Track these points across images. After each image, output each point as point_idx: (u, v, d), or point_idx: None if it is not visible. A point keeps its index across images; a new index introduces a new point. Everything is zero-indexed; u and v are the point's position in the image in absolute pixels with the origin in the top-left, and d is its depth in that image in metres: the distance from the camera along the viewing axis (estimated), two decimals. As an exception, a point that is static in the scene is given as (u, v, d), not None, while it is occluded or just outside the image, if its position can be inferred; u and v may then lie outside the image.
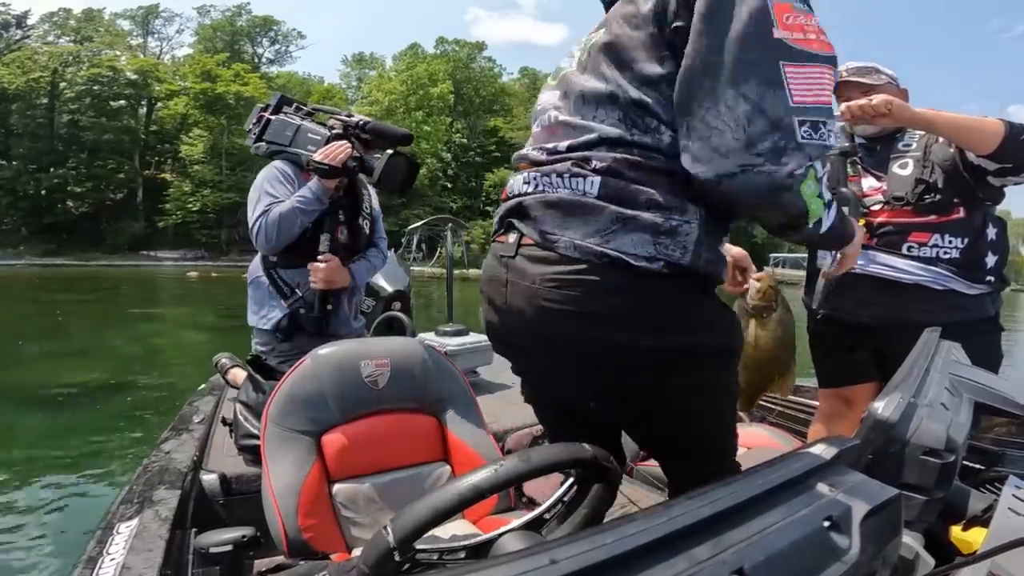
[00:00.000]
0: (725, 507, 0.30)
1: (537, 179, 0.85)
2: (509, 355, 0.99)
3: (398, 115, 35.08)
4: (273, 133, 1.71)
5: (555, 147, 0.84)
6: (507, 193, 0.93)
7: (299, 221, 1.63)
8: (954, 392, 0.42)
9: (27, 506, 3.30)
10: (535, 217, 0.82)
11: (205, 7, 41.65)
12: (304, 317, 1.73)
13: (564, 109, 0.87)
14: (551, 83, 0.96)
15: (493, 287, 0.90)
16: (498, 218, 0.93)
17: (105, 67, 32.42)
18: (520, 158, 0.93)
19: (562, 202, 0.80)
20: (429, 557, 0.75)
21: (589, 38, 0.90)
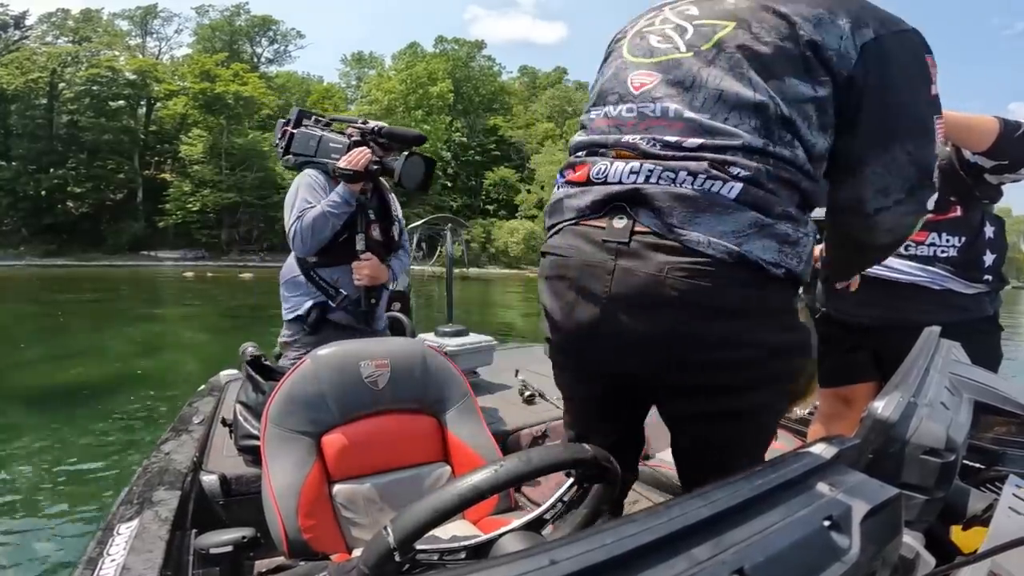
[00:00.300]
0: (725, 507, 0.30)
1: (656, 171, 0.82)
2: (582, 343, 0.91)
3: (397, 114, 35.08)
4: (298, 146, 1.85)
5: (679, 142, 0.82)
6: (594, 177, 0.89)
7: (330, 224, 1.75)
8: (954, 391, 0.42)
9: (28, 507, 3.31)
10: (660, 208, 0.80)
11: (203, 7, 41.64)
12: (353, 313, 1.84)
13: (688, 104, 0.84)
14: (642, 61, 0.91)
15: (588, 271, 0.86)
16: (589, 202, 0.88)
17: (104, 67, 32.35)
18: (617, 144, 0.88)
19: (695, 198, 0.79)
20: (429, 558, 0.75)
21: (703, 25, 0.87)
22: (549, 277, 0.94)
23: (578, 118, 1.09)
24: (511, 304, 17.42)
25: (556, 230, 0.94)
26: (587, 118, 0.98)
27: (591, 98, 1.00)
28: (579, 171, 0.92)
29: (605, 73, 0.98)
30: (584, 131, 0.98)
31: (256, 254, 32.06)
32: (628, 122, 0.89)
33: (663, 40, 0.91)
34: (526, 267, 35.25)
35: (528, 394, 2.55)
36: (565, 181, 0.96)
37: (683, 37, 0.89)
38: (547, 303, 0.95)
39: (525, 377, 2.75)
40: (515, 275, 32.55)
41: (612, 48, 1.02)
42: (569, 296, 0.89)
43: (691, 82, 0.85)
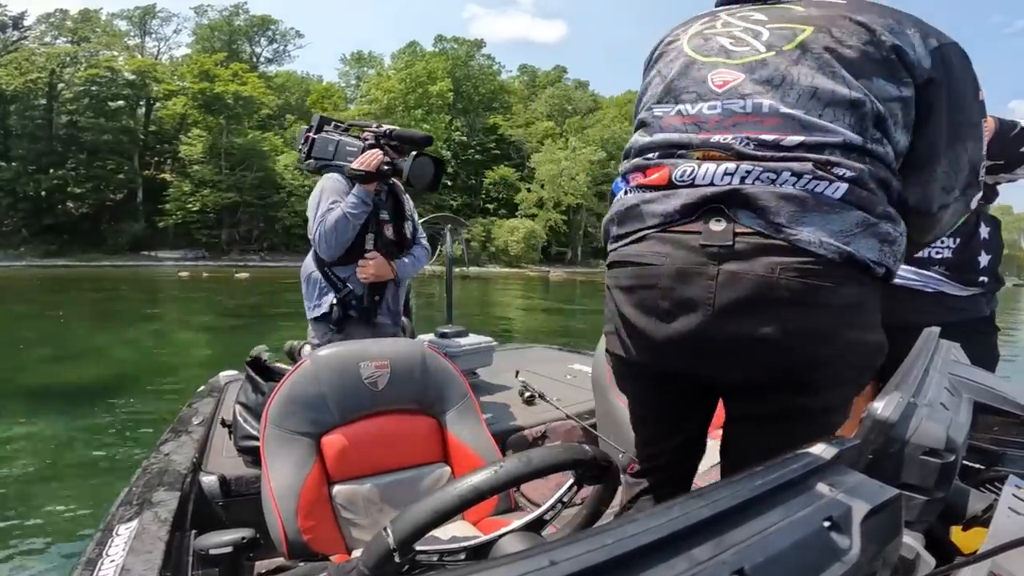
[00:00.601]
0: (725, 507, 0.30)
1: (754, 172, 0.82)
2: (677, 350, 0.88)
3: (397, 113, 35.05)
4: (318, 150, 1.97)
5: (776, 141, 0.82)
6: (678, 180, 0.87)
7: (351, 225, 1.84)
8: (954, 392, 0.42)
9: (28, 507, 3.31)
10: (764, 207, 0.80)
11: (202, 7, 41.61)
12: (355, 307, 1.92)
13: (782, 100, 0.84)
14: (719, 60, 0.91)
15: (685, 278, 0.83)
16: (679, 206, 0.86)
17: (103, 68, 32.32)
18: (705, 145, 0.87)
19: (802, 198, 0.79)
20: (429, 558, 0.75)
21: (779, 28, 0.89)
22: (630, 287, 0.91)
23: (578, 117, 1.08)
24: (512, 303, 17.43)
25: (636, 238, 0.91)
26: (651, 116, 0.96)
27: (653, 95, 0.98)
28: (655, 174, 0.90)
29: (668, 70, 0.97)
30: (649, 130, 0.96)
31: (256, 254, 32.05)
32: (711, 119, 0.88)
33: (736, 42, 0.91)
34: (526, 266, 35.26)
35: (528, 395, 2.55)
36: (636, 186, 0.94)
37: (759, 39, 0.90)
38: (627, 313, 0.92)
39: (525, 378, 2.75)
40: (515, 274, 32.56)
41: (663, 50, 1.01)
42: (662, 305, 0.86)
43: (780, 80, 0.85)
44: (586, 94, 47.34)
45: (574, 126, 41.87)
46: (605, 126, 40.67)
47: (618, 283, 0.95)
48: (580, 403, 2.48)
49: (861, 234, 0.79)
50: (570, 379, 3.00)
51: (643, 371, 0.98)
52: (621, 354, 0.98)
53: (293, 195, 31.59)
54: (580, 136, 40.23)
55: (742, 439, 0.96)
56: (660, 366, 0.93)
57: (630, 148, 1.00)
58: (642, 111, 1.00)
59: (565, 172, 37.41)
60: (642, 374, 0.99)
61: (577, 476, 0.82)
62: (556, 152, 38.43)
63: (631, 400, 1.08)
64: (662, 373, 0.95)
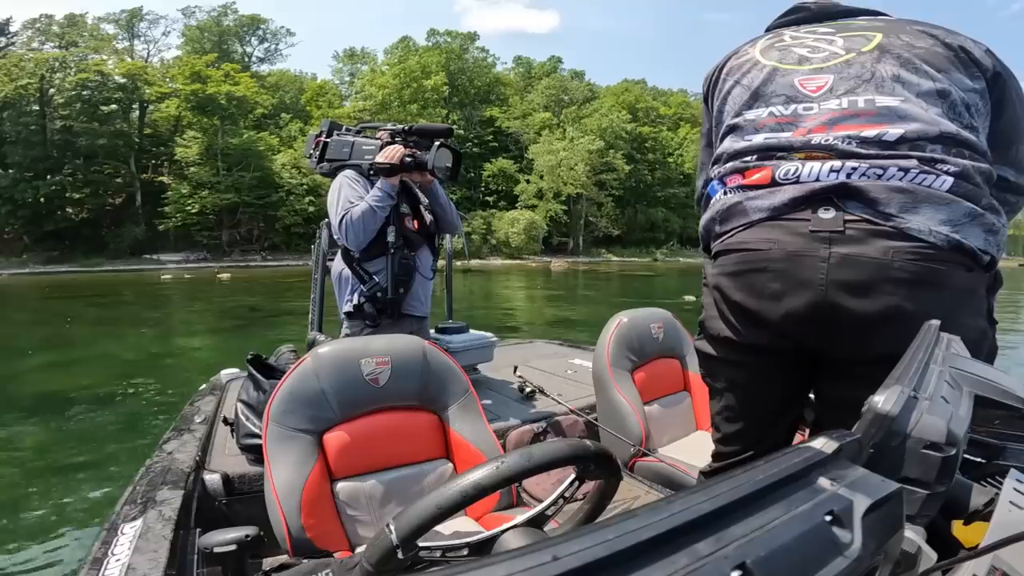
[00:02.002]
0: (726, 502, 0.30)
1: (861, 168, 0.87)
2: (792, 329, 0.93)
3: (393, 109, 34.93)
4: (333, 152, 2.07)
5: (879, 136, 0.87)
6: (782, 179, 0.93)
7: (377, 216, 1.91)
8: (954, 385, 0.42)
9: (35, 505, 3.33)
10: (875, 198, 0.85)
11: (190, 8, 41.43)
12: (382, 299, 1.99)
13: (876, 92, 0.91)
14: (801, 68, 0.99)
15: (796, 261, 0.89)
16: (788, 199, 0.91)
17: (92, 72, 32.08)
18: (807, 146, 0.92)
19: (911, 190, 0.84)
20: (432, 554, 0.75)
21: (851, 36, 0.98)
22: (738, 272, 0.97)
23: (575, 107, 1.13)
24: (514, 295, 17.44)
25: (741, 229, 0.97)
26: (743, 120, 1.03)
27: (739, 103, 1.05)
28: (756, 175, 0.97)
29: (750, 80, 1.04)
30: (742, 133, 1.03)
31: (258, 254, 32.03)
32: (807, 118, 0.94)
33: (812, 51, 1.00)
34: (528, 257, 35.25)
35: (528, 390, 2.56)
36: (738, 186, 1.00)
37: (834, 46, 0.98)
38: (737, 297, 0.97)
39: (525, 373, 2.76)
40: (517, 266, 32.56)
41: (733, 65, 1.10)
42: (773, 287, 0.92)
43: (870, 75, 0.92)
44: (582, 84, 47.14)
45: (571, 116, 41.73)
46: (603, 115, 40.53)
47: (725, 270, 1.00)
48: (581, 398, 2.48)
49: (968, 224, 0.85)
50: (571, 374, 3.00)
51: (752, 351, 1.02)
52: (731, 336, 1.02)
53: (292, 194, 31.52)
54: (578, 126, 40.10)
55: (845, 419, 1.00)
56: (772, 343, 0.98)
57: (722, 154, 1.06)
58: (729, 118, 1.07)
59: (564, 162, 37.31)
60: (751, 355, 1.03)
61: (579, 471, 0.82)
62: (554, 143, 38.30)
63: (733, 389, 1.10)
64: (771, 352, 0.99)
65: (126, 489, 1.46)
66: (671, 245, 43.53)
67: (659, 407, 2.20)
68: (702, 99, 1.23)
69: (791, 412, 1.09)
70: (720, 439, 1.14)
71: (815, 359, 0.98)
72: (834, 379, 0.98)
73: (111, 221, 32.66)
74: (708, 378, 1.14)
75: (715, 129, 1.14)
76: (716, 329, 1.05)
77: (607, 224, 40.52)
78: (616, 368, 2.14)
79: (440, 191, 2.13)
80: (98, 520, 3.17)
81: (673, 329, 2.40)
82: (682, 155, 43.53)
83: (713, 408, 1.15)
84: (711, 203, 1.07)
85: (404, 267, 2.01)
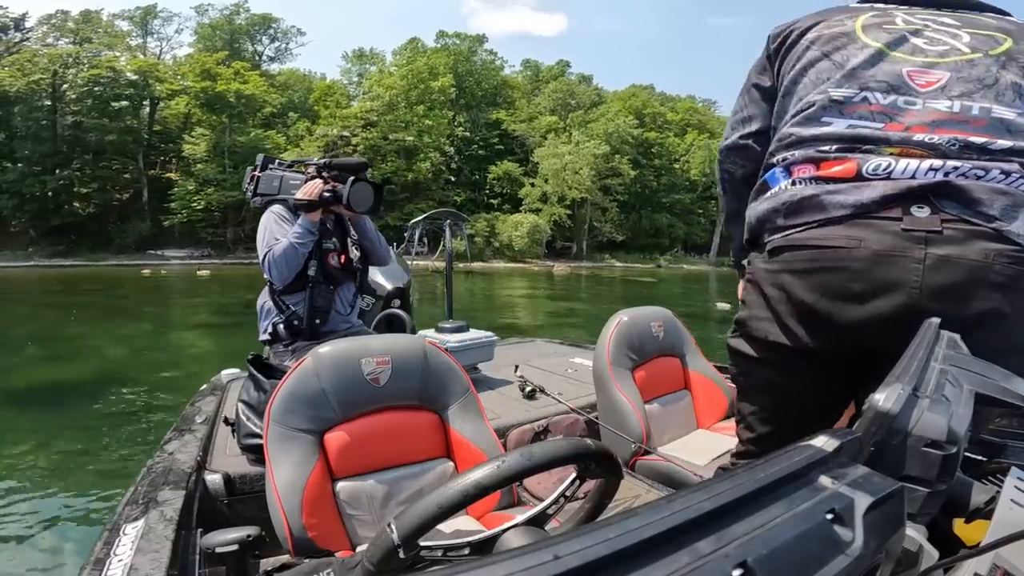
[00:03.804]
0: (727, 501, 0.30)
1: (962, 168, 0.84)
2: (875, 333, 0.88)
3: (400, 110, 34.96)
4: (263, 187, 2.11)
5: (986, 144, 0.84)
6: (869, 173, 0.87)
7: (298, 253, 1.94)
8: (955, 383, 0.42)
9: (39, 502, 3.34)
10: (977, 199, 0.82)
11: (203, 6, 41.52)
12: (297, 328, 2.02)
13: (994, 100, 0.87)
14: (916, 59, 0.92)
15: (885, 260, 0.84)
16: (879, 196, 0.86)
17: (105, 68, 32.31)
18: (906, 142, 0.87)
19: (1013, 194, 0.83)
20: (433, 554, 0.75)
21: (979, 33, 0.92)
22: (808, 271, 0.90)
23: (582, 111, 1.08)
24: (516, 298, 17.42)
25: (816, 225, 0.91)
26: (829, 99, 0.94)
27: (825, 78, 0.96)
28: (837, 167, 0.90)
29: (845, 57, 0.95)
30: (820, 114, 0.94)
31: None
32: (907, 113, 0.89)
33: (930, 42, 0.93)
34: (531, 260, 35.20)
35: (529, 389, 2.56)
36: (811, 177, 0.93)
37: (959, 41, 0.92)
38: (806, 297, 0.91)
39: (526, 372, 2.76)
40: (519, 269, 32.53)
41: (821, 33, 1.00)
42: (854, 288, 0.86)
43: (993, 80, 0.88)
44: (590, 88, 47.10)
45: (577, 120, 41.72)
46: (609, 120, 40.51)
47: (790, 267, 0.93)
48: (581, 397, 2.48)
49: None
50: (571, 372, 3.00)
51: (802, 356, 0.95)
52: (782, 341, 0.95)
53: (296, 193, 31.52)
54: (584, 130, 40.08)
55: None
56: (828, 346, 0.92)
57: (789, 136, 0.97)
58: (808, 92, 0.97)
59: (569, 166, 37.27)
60: (799, 359, 0.96)
61: (579, 470, 0.82)
62: (560, 146, 38.27)
63: (772, 391, 1.03)
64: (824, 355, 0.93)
65: (127, 489, 1.46)
66: (675, 251, 43.40)
67: (659, 406, 2.20)
68: (764, 56, 1.12)
69: (835, 415, 1.04)
70: (752, 439, 1.08)
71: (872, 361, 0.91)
72: None
73: (117, 216, 32.81)
74: (741, 377, 1.09)
75: (781, 99, 1.05)
76: (763, 331, 0.99)
77: (611, 229, 40.45)
78: (616, 367, 2.14)
79: (367, 225, 2.15)
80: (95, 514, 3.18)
81: (673, 327, 2.41)
82: (688, 161, 43.40)
83: (745, 408, 1.09)
84: (771, 192, 0.99)
85: (323, 301, 2.04)
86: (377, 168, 33.02)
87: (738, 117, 1.16)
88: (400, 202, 32.78)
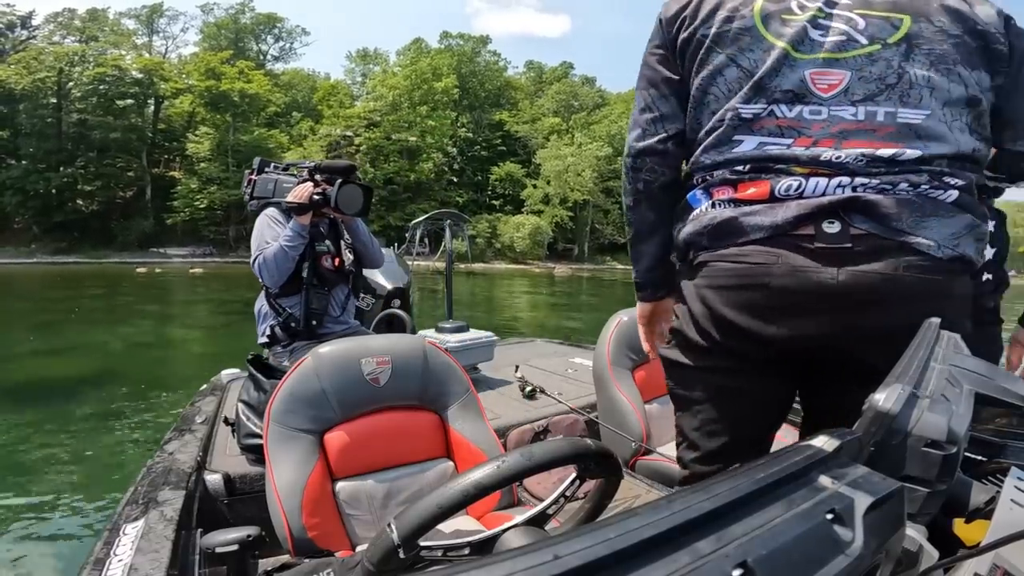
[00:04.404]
0: (727, 501, 0.30)
1: (870, 183, 0.82)
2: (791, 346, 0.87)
3: (403, 110, 35.01)
4: (259, 190, 2.13)
5: (894, 157, 0.82)
6: (781, 194, 0.85)
7: (289, 256, 1.96)
8: (955, 383, 0.42)
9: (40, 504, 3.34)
10: (884, 213, 0.81)
11: (208, 5, 41.73)
12: (295, 330, 2.04)
13: (899, 103, 0.83)
14: (817, 57, 0.86)
15: (802, 276, 0.83)
16: (792, 217, 0.84)
17: (111, 66, 32.47)
18: (815, 162, 0.84)
19: (920, 204, 0.82)
20: (433, 554, 0.75)
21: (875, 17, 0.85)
22: (730, 287, 0.89)
23: (584, 113, 1.04)
24: (517, 299, 17.42)
25: (735, 246, 0.89)
26: (739, 117, 0.89)
27: (738, 91, 0.90)
28: (750, 189, 0.88)
29: (752, 62, 0.89)
30: (731, 133, 0.90)
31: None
32: (814, 125, 0.85)
33: (825, 32, 0.87)
34: (532, 262, 35.22)
35: (529, 389, 2.56)
36: (729, 199, 0.90)
37: (856, 29, 0.86)
38: (727, 313, 0.89)
39: (526, 372, 2.76)
40: (521, 270, 32.54)
41: (723, 30, 0.92)
42: (773, 304, 0.86)
43: (896, 78, 0.83)
44: (593, 90, 47.16)
45: (580, 122, 41.74)
46: (612, 122, 40.51)
47: (712, 283, 0.91)
48: (581, 397, 2.48)
49: (967, 235, 0.83)
50: (571, 372, 3.00)
51: (737, 358, 0.94)
52: (708, 346, 0.94)
53: (299, 192, 31.58)
54: (586, 132, 40.10)
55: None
56: (759, 355, 0.91)
57: (703, 160, 0.94)
58: (717, 104, 0.92)
59: (571, 168, 37.29)
60: (735, 361, 0.95)
61: (579, 470, 0.82)
62: (562, 148, 38.28)
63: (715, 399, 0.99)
64: (758, 360, 0.92)
65: (127, 489, 1.46)
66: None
67: (660, 406, 2.20)
68: (663, 43, 1.01)
69: (778, 422, 1.01)
70: (698, 458, 1.01)
71: (806, 368, 0.92)
72: (826, 389, 0.95)
73: (120, 214, 32.92)
74: (679, 389, 1.04)
75: (694, 110, 0.98)
76: (694, 339, 0.97)
77: (613, 231, 40.41)
78: (616, 367, 2.14)
79: (360, 228, 2.17)
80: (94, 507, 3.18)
81: (674, 327, 2.40)
82: (690, 163, 43.41)
83: (686, 425, 1.03)
84: (693, 215, 0.96)
85: (318, 303, 2.06)
86: (380, 168, 33.07)
87: (650, 116, 1.03)
88: (402, 202, 32.82)
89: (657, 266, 1.11)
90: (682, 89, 1.00)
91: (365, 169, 31.37)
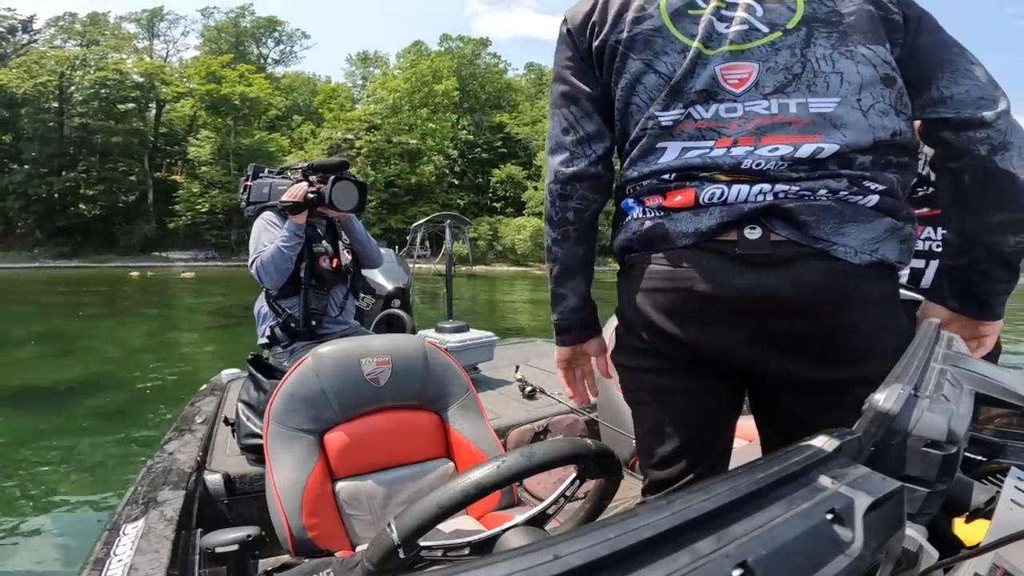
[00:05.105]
0: (727, 501, 0.30)
1: (791, 190, 0.81)
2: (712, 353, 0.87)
3: (403, 112, 35.06)
4: (255, 195, 2.17)
5: (812, 155, 0.80)
6: (705, 201, 0.84)
7: (286, 256, 1.96)
8: (955, 383, 0.42)
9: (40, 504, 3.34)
10: (803, 220, 0.80)
11: (209, 9, 41.95)
12: (294, 330, 2.05)
13: (808, 93, 0.81)
14: (724, 50, 0.84)
15: (722, 282, 0.83)
16: (715, 224, 0.83)
17: (112, 70, 32.58)
18: (736, 170, 0.83)
19: (839, 211, 0.80)
20: (433, 554, 0.75)
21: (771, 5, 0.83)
22: (657, 290, 0.89)
23: None
24: (518, 301, 17.42)
25: (664, 251, 0.89)
26: (660, 126, 0.87)
27: (657, 98, 0.88)
28: (677, 197, 0.86)
29: (668, 66, 0.87)
30: (654, 140, 0.88)
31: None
32: (731, 124, 0.83)
33: (730, 24, 0.84)
34: (533, 264, 35.21)
35: (529, 389, 2.56)
36: (658, 207, 0.89)
37: (754, 15, 0.84)
38: (655, 317, 0.89)
39: (526, 372, 2.76)
40: (522, 272, 32.55)
41: (635, 33, 0.89)
42: (695, 310, 0.85)
43: (801, 67, 0.81)
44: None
45: (580, 124, 41.73)
46: (612, 123, 40.55)
47: (642, 286, 0.91)
48: None
49: (888, 239, 0.81)
50: None
51: (674, 358, 0.93)
52: (646, 348, 0.94)
53: (300, 195, 31.70)
54: (586, 134, 40.10)
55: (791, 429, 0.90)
56: (692, 359, 0.90)
57: (632, 171, 0.92)
58: (639, 113, 0.90)
59: (572, 170, 37.28)
60: (673, 361, 0.94)
61: (579, 470, 0.82)
62: (562, 150, 38.28)
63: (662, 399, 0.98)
64: (692, 364, 0.91)
65: (127, 489, 1.46)
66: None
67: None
68: (575, 54, 0.97)
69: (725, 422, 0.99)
70: (655, 464, 0.98)
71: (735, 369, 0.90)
72: (756, 391, 0.96)
73: (123, 218, 33.01)
74: (627, 392, 1.04)
75: (619, 122, 0.95)
76: (629, 341, 0.98)
77: (614, 232, 40.45)
78: None
79: (356, 227, 2.17)
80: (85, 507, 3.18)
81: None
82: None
83: (639, 430, 1.02)
84: (626, 222, 0.96)
85: (317, 303, 2.07)
86: (380, 171, 33.10)
87: (575, 137, 0.98)
88: (403, 205, 32.85)
89: (584, 306, 1.09)
90: (604, 101, 0.97)
91: (366, 172, 31.40)
